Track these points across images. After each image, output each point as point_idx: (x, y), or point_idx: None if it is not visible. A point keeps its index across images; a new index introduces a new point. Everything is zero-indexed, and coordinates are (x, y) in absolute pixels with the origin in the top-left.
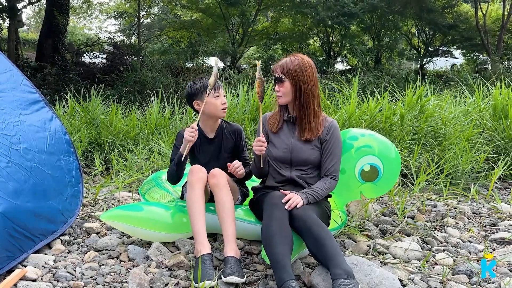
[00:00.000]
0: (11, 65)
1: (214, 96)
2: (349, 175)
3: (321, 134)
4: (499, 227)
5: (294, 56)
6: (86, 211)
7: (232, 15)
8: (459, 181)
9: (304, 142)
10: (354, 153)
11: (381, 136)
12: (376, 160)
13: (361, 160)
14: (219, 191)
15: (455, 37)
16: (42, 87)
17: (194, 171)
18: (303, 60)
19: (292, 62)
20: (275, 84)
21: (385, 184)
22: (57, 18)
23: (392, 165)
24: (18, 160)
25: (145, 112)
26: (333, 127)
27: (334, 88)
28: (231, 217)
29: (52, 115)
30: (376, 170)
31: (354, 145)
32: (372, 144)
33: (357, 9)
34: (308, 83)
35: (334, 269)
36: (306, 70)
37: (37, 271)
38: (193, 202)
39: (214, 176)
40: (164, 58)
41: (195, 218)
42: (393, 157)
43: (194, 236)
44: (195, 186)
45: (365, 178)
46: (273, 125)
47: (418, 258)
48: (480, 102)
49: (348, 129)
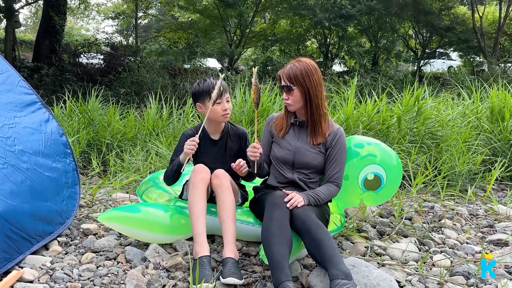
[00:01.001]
0: (8, 66)
1: (216, 102)
2: (352, 182)
3: (327, 138)
4: (496, 228)
5: (297, 61)
6: (83, 212)
7: (230, 17)
8: (456, 183)
9: (309, 145)
10: (359, 161)
11: (386, 146)
12: (380, 170)
13: (365, 169)
14: (221, 191)
15: (452, 39)
16: (39, 88)
17: (197, 171)
18: (308, 65)
19: (298, 68)
20: (283, 92)
21: (385, 194)
22: (54, 19)
23: (394, 176)
24: (13, 162)
25: (142, 113)
26: (339, 133)
27: (332, 90)
28: (231, 218)
29: (49, 116)
30: (379, 180)
31: (360, 153)
32: (377, 154)
33: (355, 11)
34: (316, 88)
35: (332, 270)
36: (313, 75)
37: (34, 272)
38: (195, 203)
39: (217, 177)
40: (162, 59)
41: (196, 219)
42: (396, 167)
43: (194, 237)
44: (197, 186)
45: (368, 187)
46: (280, 130)
47: (415, 259)
48: (478, 104)
49: (352, 136)
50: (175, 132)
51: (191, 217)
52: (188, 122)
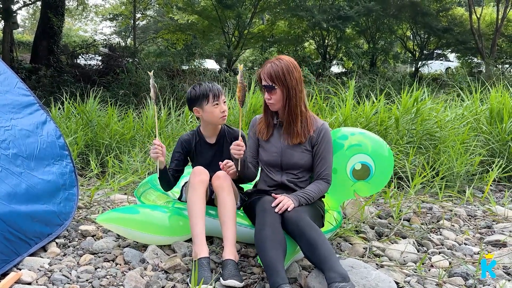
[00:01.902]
0: (5, 67)
1: (213, 104)
2: (341, 175)
3: (312, 135)
4: (494, 229)
5: (277, 59)
6: (81, 214)
7: (228, 18)
8: (454, 184)
9: (294, 146)
10: (345, 152)
11: (371, 134)
12: (367, 158)
13: (352, 159)
14: (222, 193)
15: (449, 40)
16: (37, 89)
17: (197, 173)
18: (288, 63)
19: (278, 67)
20: (264, 92)
21: (378, 181)
22: (52, 20)
23: (383, 162)
24: (7, 166)
25: (141, 115)
26: (324, 129)
27: (330, 91)
28: (232, 220)
29: (47, 117)
30: (367, 169)
31: (345, 144)
32: (362, 142)
33: (353, 12)
34: (296, 87)
35: (329, 273)
36: (293, 73)
37: (32, 274)
38: (194, 204)
39: (219, 178)
40: (160, 61)
41: (195, 220)
42: (384, 153)
43: (193, 238)
44: (197, 188)
45: (357, 177)
46: (263, 133)
47: (414, 260)
48: (478, 105)
49: (338, 129)
50: (173, 134)
51: (190, 218)
52: (187, 123)
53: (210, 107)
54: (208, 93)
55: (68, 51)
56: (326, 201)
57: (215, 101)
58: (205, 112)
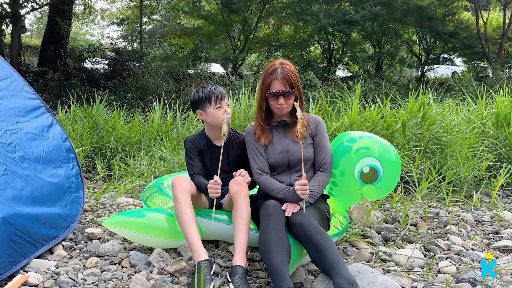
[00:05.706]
0: (13, 71)
1: (216, 107)
2: (348, 178)
3: (312, 128)
4: (502, 235)
5: (286, 64)
6: (87, 217)
7: (234, 22)
8: (461, 189)
9: (298, 142)
10: (353, 155)
11: (379, 137)
12: (375, 162)
13: (360, 162)
14: (240, 199)
15: (456, 45)
16: (44, 92)
17: (175, 184)
18: (293, 67)
19: (291, 71)
20: (279, 98)
21: (385, 185)
22: (59, 24)
23: (391, 166)
24: (14, 168)
25: (147, 118)
26: (319, 120)
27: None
28: (245, 226)
29: (53, 121)
30: (375, 172)
31: (353, 147)
32: (371, 146)
33: (358, 17)
34: (300, 88)
35: (336, 278)
36: (297, 76)
37: (39, 276)
38: (181, 215)
39: (238, 184)
40: (166, 65)
41: (187, 229)
42: (392, 158)
43: (190, 246)
44: (179, 198)
45: (365, 180)
46: (264, 138)
47: (421, 265)
48: (483, 110)
49: (346, 132)
50: (179, 137)
51: (182, 228)
52: (192, 127)
53: (212, 109)
54: (210, 96)
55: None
56: (333, 205)
57: (218, 104)
58: (208, 115)
